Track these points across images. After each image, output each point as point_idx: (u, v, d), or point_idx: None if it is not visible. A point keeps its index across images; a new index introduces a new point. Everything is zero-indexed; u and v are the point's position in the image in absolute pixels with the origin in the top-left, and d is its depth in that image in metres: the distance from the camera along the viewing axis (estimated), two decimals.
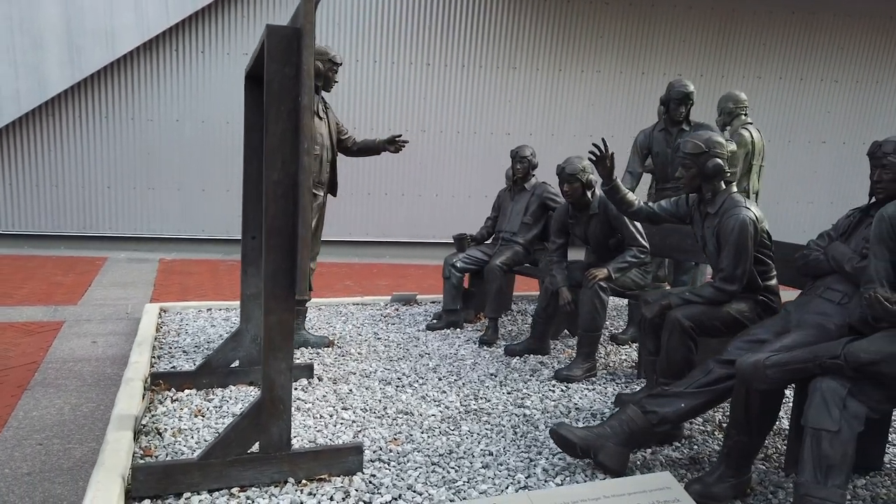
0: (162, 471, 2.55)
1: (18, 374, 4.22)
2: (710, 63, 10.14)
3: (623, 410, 2.88)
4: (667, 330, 3.21)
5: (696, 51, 10.02)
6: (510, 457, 3.04)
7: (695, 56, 10.05)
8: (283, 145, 2.52)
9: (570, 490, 2.04)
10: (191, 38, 8.70)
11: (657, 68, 9.93)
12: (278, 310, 2.61)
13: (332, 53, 4.35)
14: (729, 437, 2.65)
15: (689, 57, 10.02)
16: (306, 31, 2.43)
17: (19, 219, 8.83)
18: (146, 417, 3.33)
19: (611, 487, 2.07)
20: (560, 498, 2.01)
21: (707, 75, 10.16)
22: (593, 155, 3.45)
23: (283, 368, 2.65)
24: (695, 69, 10.09)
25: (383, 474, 2.81)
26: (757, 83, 10.38)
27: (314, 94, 4.36)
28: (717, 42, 10.06)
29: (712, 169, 3.17)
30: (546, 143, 9.86)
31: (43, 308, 5.89)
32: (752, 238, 3.09)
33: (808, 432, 2.24)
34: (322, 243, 9.64)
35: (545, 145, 9.82)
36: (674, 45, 9.86)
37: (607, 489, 2.07)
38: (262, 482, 2.67)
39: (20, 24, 8.05)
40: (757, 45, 10.20)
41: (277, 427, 2.67)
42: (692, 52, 10.02)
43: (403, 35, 9.19)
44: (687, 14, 9.79)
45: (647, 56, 9.87)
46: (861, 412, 2.20)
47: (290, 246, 2.56)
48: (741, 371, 2.41)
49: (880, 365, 2.13)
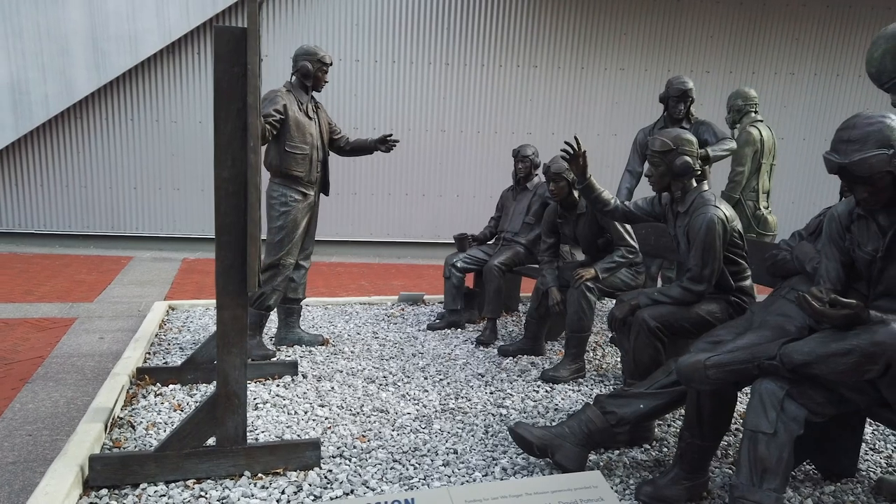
0: (118, 461, 2.61)
1: (23, 368, 4.37)
2: (740, 59, 9.90)
3: (583, 411, 2.84)
4: (633, 330, 3.15)
5: (725, 47, 9.81)
6: (474, 455, 3.03)
7: (724, 52, 9.84)
8: (233, 143, 2.56)
9: (492, 486, 2.03)
10: (211, 41, 8.86)
11: (684, 65, 9.75)
12: (231, 306, 2.65)
13: (322, 54, 4.39)
14: (682, 438, 2.59)
15: (718, 53, 9.82)
16: (251, 31, 2.47)
17: (51, 218, 9.12)
18: (125, 410, 3.41)
19: (535, 485, 2.05)
20: (480, 493, 2.00)
21: (737, 72, 9.93)
22: (566, 153, 3.42)
23: (238, 364, 2.69)
24: (724, 66, 9.88)
25: (341, 470, 2.83)
26: (790, 79, 10.12)
27: (307, 94, 4.45)
28: (748, 37, 9.83)
29: (681, 167, 3.11)
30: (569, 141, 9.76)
31: (59, 305, 6.08)
32: (720, 237, 3.02)
33: (745, 434, 2.18)
34: (343, 244, 9.77)
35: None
36: (701, 40, 9.67)
37: (531, 486, 2.04)
38: (219, 475, 2.72)
39: (47, 31, 8.32)
40: (790, 40, 9.94)
41: (233, 421, 2.71)
42: (721, 48, 9.81)
43: (422, 35, 9.22)
44: (715, 8, 9.59)
45: (673, 53, 9.70)
46: (800, 415, 2.13)
47: (242, 243, 2.60)
48: (680, 371, 2.36)
49: (813, 366, 2.05)
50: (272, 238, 4.37)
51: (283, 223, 4.35)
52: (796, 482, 2.85)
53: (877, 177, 2.11)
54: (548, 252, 4.53)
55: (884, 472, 2.98)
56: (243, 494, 2.58)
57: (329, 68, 4.48)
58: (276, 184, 4.39)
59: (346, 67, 9.19)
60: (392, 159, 9.53)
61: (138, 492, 2.60)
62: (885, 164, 2.08)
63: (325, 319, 5.59)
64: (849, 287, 2.37)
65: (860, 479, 2.89)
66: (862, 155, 2.09)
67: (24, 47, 8.35)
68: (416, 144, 9.54)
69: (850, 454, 2.84)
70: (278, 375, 3.99)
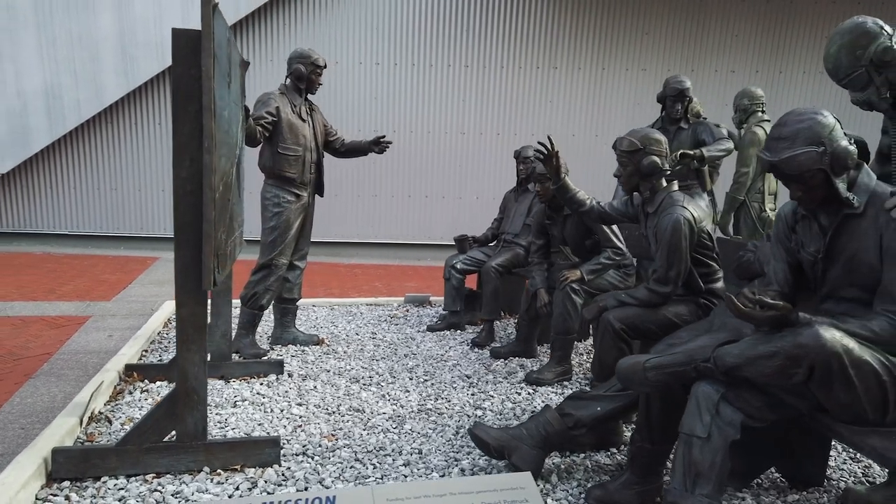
0: (80, 455, 2.69)
1: (29, 364, 4.52)
2: (767, 58, 9.68)
3: (542, 412, 2.82)
4: (599, 332, 3.11)
5: (750, 46, 9.60)
6: (436, 456, 3.03)
7: (750, 51, 9.63)
8: (191, 144, 2.61)
9: (416, 485, 2.03)
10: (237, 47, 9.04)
11: (709, 65, 9.57)
12: (190, 303, 2.71)
13: (315, 57, 4.45)
14: (633, 442, 2.55)
15: (744, 52, 9.61)
16: (205, 34, 2.52)
17: (83, 220, 9.42)
18: (108, 406, 3.51)
19: (460, 485, 2.04)
20: (403, 492, 2.00)
21: (763, 71, 9.72)
22: (540, 154, 3.39)
23: (197, 360, 2.74)
24: (749, 65, 9.67)
25: (301, 468, 2.86)
26: (820, 79, 9.85)
27: (301, 96, 4.51)
28: (775, 36, 9.61)
29: (648, 167, 3.06)
30: (590, 143, 9.69)
31: (77, 303, 6.27)
32: (686, 238, 2.96)
33: (680, 438, 2.14)
34: (364, 246, 9.85)
35: (589, 146, 9.65)
36: (726, 39, 9.48)
37: (455, 486, 2.04)
38: (178, 470, 2.77)
39: (79, 38, 8.61)
40: (819, 38, 9.68)
41: (192, 417, 2.77)
42: (747, 47, 9.60)
43: (441, 37, 9.24)
44: (740, 6, 9.39)
45: (697, 52, 9.54)
46: (736, 419, 2.08)
47: (200, 241, 2.65)
48: (619, 372, 2.32)
49: (743, 369, 2.00)
50: (265, 238, 4.44)
51: (276, 224, 4.41)
52: (760, 489, 2.78)
53: (808, 175, 2.04)
54: (538, 253, 4.50)
55: (857, 482, 2.89)
56: (198, 489, 2.63)
57: (323, 71, 4.54)
58: (270, 185, 4.46)
59: (366, 71, 9.28)
60: (412, 162, 9.57)
61: (98, 485, 2.67)
62: (815, 162, 2.02)
63: (329, 320, 5.65)
64: (798, 289, 2.31)
65: (828, 489, 2.80)
66: (791, 152, 2.03)
67: (56, 54, 8.66)
68: (436, 147, 9.57)
69: (816, 461, 2.75)
70: (264, 374, 4.04)
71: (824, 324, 1.92)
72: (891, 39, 2.57)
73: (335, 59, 9.21)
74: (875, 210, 2.06)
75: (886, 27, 2.60)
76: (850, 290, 2.13)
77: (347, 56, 9.21)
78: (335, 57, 9.21)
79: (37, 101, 8.77)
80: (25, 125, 8.82)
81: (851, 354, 1.88)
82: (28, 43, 8.62)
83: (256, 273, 4.45)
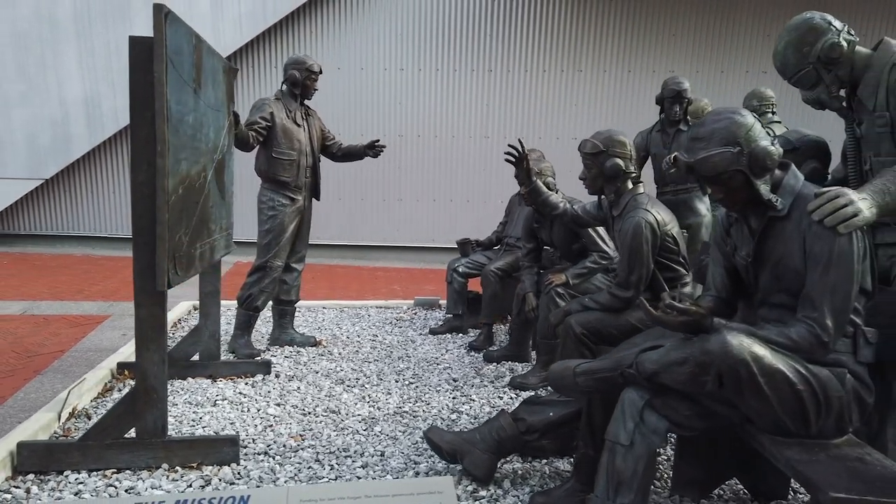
0: (44, 449, 2.79)
1: (41, 361, 4.69)
2: None
3: (497, 417, 2.80)
4: (561, 336, 3.07)
5: None
6: (396, 458, 3.03)
7: None
8: (147, 149, 2.68)
9: (331, 487, 2.03)
10: (264, 54, 9.24)
11: (739, 66, 9.32)
12: (148, 303, 2.78)
13: (309, 63, 4.51)
14: (577, 448, 2.51)
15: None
16: (157, 40, 2.59)
17: (122, 223, 9.74)
18: (94, 402, 3.62)
19: (377, 487, 2.04)
20: (318, 494, 2.01)
21: None
22: (511, 157, 3.37)
23: (157, 360, 2.81)
24: None
25: (258, 467, 2.90)
26: None
27: (296, 101, 4.58)
28: None
29: (611, 169, 3.01)
30: None
31: (100, 303, 6.48)
32: (648, 242, 2.89)
33: (605, 445, 2.09)
34: (388, 249, 9.90)
35: None
36: (756, 40, 9.22)
37: (372, 489, 2.03)
38: (138, 466, 2.84)
39: (116, 48, 8.92)
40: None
41: (152, 415, 2.84)
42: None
43: (465, 42, 9.25)
44: (770, 5, 9.13)
45: (726, 53, 9.29)
46: (661, 427, 2.02)
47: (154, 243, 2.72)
48: (550, 376, 2.28)
49: (660, 375, 1.94)
50: (261, 241, 4.53)
51: (271, 227, 4.49)
52: (720, 501, 2.70)
53: (725, 176, 1.98)
54: (528, 257, 4.46)
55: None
56: (151, 486, 2.70)
57: (318, 76, 4.59)
58: (265, 188, 4.54)
59: (390, 76, 9.35)
60: (437, 166, 9.60)
61: (60, 479, 2.76)
62: (730, 163, 1.95)
63: (335, 321, 5.70)
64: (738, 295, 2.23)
65: (791, 503, 2.70)
66: (706, 153, 1.97)
67: (95, 64, 8.98)
68: (461, 151, 9.57)
69: (779, 474, 2.66)
70: (250, 374, 4.11)
71: (735, 330, 1.86)
72: (839, 36, 2.48)
73: (361, 65, 9.31)
74: (800, 213, 1.97)
75: (836, 23, 2.51)
76: (780, 295, 2.04)
77: (373, 62, 9.30)
78: (361, 63, 9.30)
79: (77, 109, 9.11)
80: (67, 133, 9.18)
81: (761, 362, 1.81)
82: (69, 54, 8.97)
83: (252, 275, 4.54)
